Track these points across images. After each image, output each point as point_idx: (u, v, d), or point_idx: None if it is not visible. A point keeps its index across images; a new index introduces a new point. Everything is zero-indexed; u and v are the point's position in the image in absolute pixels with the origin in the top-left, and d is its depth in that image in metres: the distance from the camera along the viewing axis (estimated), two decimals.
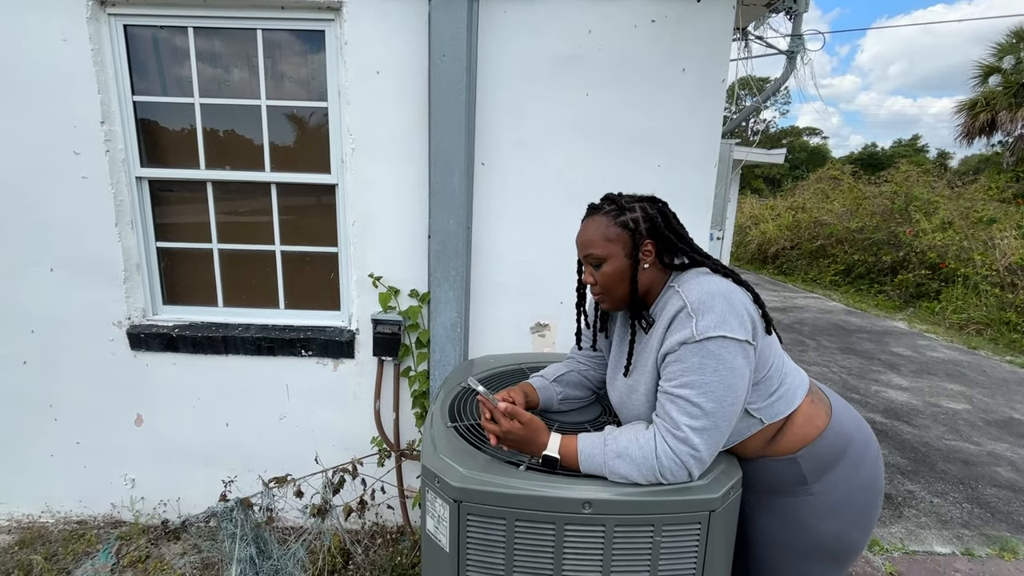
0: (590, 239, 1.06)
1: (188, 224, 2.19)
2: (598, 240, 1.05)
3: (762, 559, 1.19)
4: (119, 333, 2.15)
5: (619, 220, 1.05)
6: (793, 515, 1.09)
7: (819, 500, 1.08)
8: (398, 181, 2.01)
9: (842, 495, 1.08)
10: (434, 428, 1.19)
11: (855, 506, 1.10)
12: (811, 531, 1.09)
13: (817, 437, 1.08)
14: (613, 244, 1.04)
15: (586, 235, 1.08)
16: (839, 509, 1.08)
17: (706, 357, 0.93)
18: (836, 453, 1.08)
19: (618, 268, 1.05)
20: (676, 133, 1.94)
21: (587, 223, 1.09)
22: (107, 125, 1.99)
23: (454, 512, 0.99)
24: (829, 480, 1.07)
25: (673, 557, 0.99)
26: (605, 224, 1.05)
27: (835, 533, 1.09)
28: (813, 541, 1.10)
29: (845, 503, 1.09)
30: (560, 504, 0.95)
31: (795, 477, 1.08)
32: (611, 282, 1.06)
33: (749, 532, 1.16)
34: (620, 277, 1.05)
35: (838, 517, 1.09)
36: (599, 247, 1.05)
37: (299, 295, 2.23)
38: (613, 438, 0.99)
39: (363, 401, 2.20)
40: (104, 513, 2.36)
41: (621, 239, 1.04)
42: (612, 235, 1.04)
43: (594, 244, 1.06)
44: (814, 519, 1.09)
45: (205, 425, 2.24)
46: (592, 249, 1.06)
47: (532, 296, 2.11)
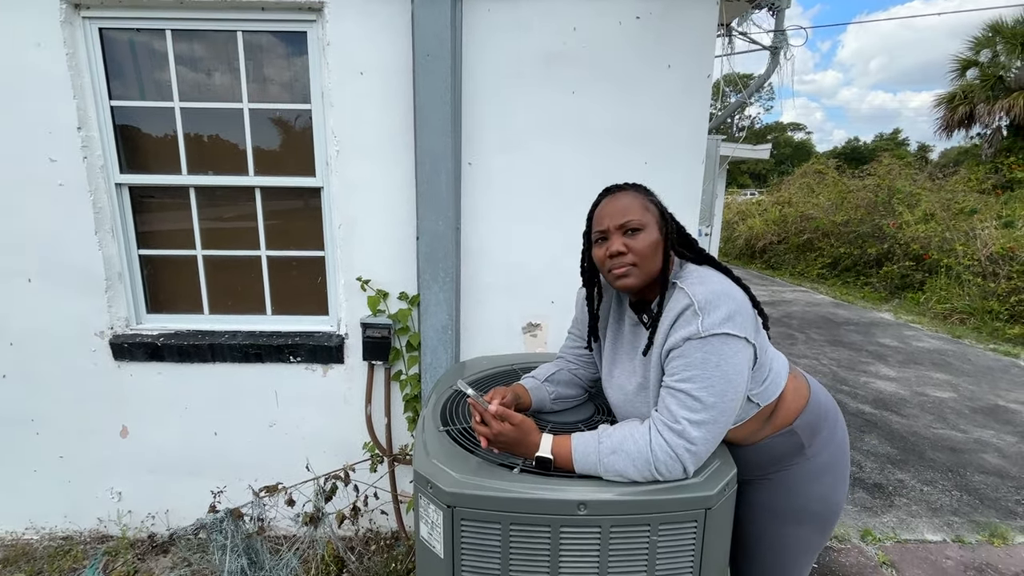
0: (627, 207, 1.04)
1: (171, 231, 2.15)
2: (636, 208, 1.04)
3: (750, 530, 1.21)
4: (101, 343, 2.10)
5: (651, 199, 1.08)
6: (789, 483, 1.14)
7: (812, 463, 1.13)
8: (385, 183, 1.98)
9: (829, 455, 1.15)
10: (426, 432, 1.17)
11: (838, 465, 1.16)
12: (801, 495, 1.14)
13: (805, 405, 1.14)
14: (649, 214, 1.05)
15: (621, 204, 1.05)
16: (826, 469, 1.14)
17: (709, 353, 0.93)
18: (821, 416, 1.15)
19: (655, 239, 1.04)
20: (663, 130, 1.94)
21: (618, 195, 1.08)
22: (84, 131, 1.94)
23: (448, 518, 0.97)
24: (819, 442, 1.14)
25: (670, 556, 0.98)
26: (641, 197, 1.07)
27: (822, 495, 1.14)
28: (802, 505, 1.15)
29: (831, 463, 1.15)
30: (555, 506, 0.94)
31: (795, 446, 1.12)
32: (648, 251, 1.03)
33: (740, 507, 1.17)
34: (655, 248, 1.04)
35: (825, 478, 1.14)
36: (638, 214, 1.03)
37: (286, 300, 2.20)
38: (607, 435, 0.98)
39: (354, 406, 2.17)
40: (90, 528, 2.30)
41: (655, 213, 1.06)
42: (649, 207, 1.06)
43: (632, 211, 1.04)
44: (806, 483, 1.14)
45: (193, 435, 2.20)
46: (631, 216, 1.03)
47: (523, 296, 2.10)
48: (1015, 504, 2.58)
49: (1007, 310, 5.90)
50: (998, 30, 13.56)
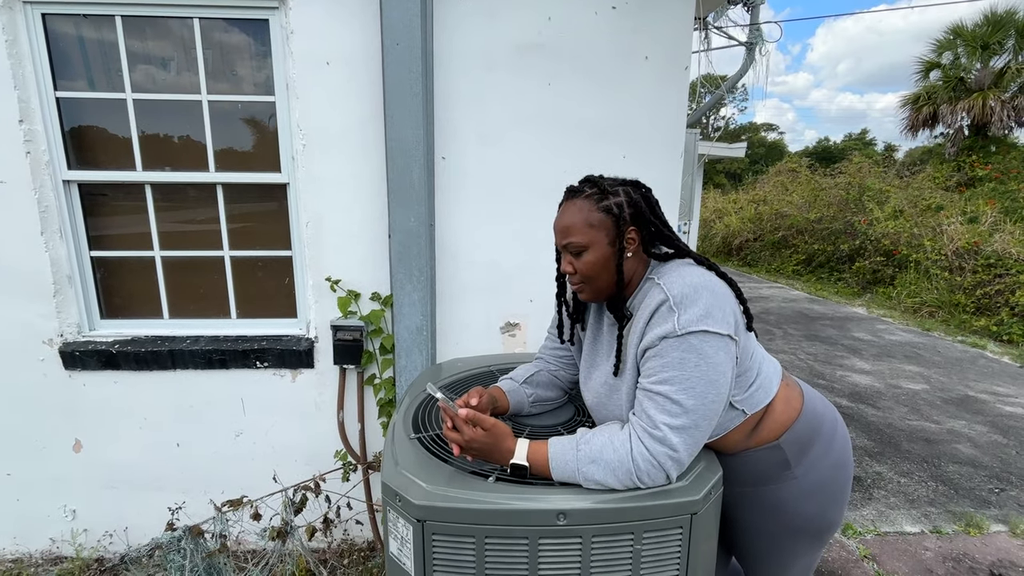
0: (570, 225, 0.99)
1: (127, 232, 2.02)
2: (579, 226, 0.98)
3: (745, 547, 1.18)
4: (51, 352, 1.97)
5: (602, 204, 0.98)
6: (777, 502, 1.07)
7: (801, 483, 1.06)
8: (354, 178, 1.90)
9: (821, 474, 1.07)
10: (396, 441, 1.10)
11: (832, 484, 1.08)
12: (794, 515, 1.07)
13: (796, 419, 1.06)
14: (595, 230, 0.97)
15: (566, 220, 1.00)
16: (819, 489, 1.07)
17: (688, 352, 0.88)
18: (813, 432, 1.07)
19: (600, 256, 0.98)
20: (641, 123, 1.90)
21: (566, 207, 1.01)
22: (26, 124, 1.81)
23: (418, 532, 0.90)
24: (809, 461, 1.06)
25: (655, 564, 0.93)
26: (587, 209, 0.98)
27: (817, 514, 1.08)
28: (796, 524, 1.09)
29: (824, 482, 1.07)
30: (533, 517, 0.88)
31: (779, 463, 1.05)
32: (593, 271, 0.99)
33: (731, 524, 1.13)
34: (602, 266, 0.98)
35: (818, 497, 1.07)
36: (580, 234, 0.98)
37: (252, 303, 2.09)
38: (586, 442, 0.93)
39: (325, 413, 2.08)
40: (42, 549, 2.16)
41: (604, 225, 0.97)
42: (595, 220, 0.97)
43: (575, 231, 0.98)
44: (797, 503, 1.07)
45: (153, 447, 2.08)
46: (572, 237, 0.98)
47: (500, 295, 2.03)
48: (988, 493, 2.62)
49: (973, 303, 6.07)
50: (959, 33, 14.03)
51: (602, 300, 1.07)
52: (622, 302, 1.03)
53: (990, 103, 13.20)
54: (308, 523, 1.70)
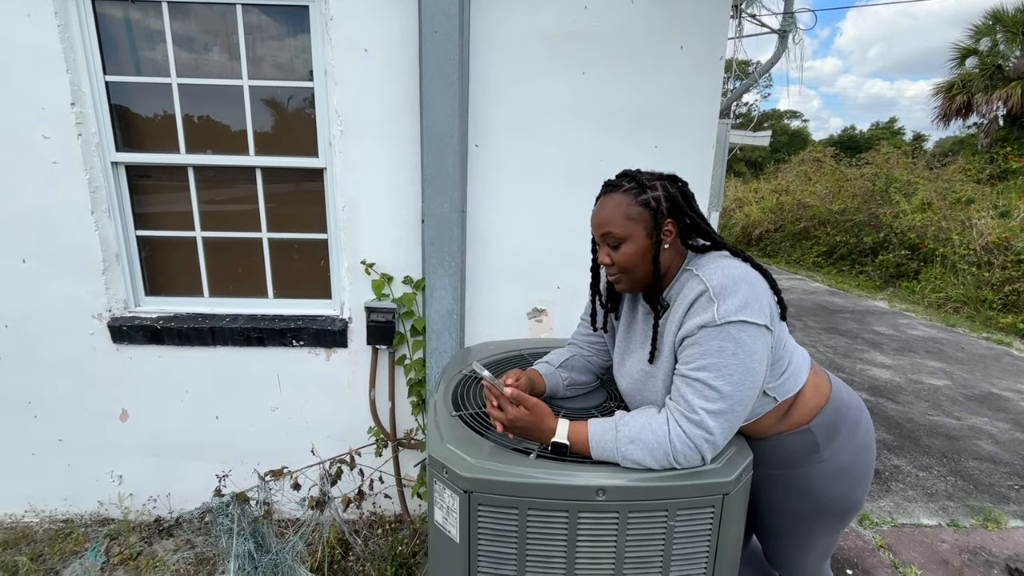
0: (608, 218, 1.03)
1: (169, 212, 2.10)
2: (617, 219, 1.01)
3: (770, 527, 1.23)
4: (99, 326, 2.07)
5: (640, 199, 1.01)
6: (805, 484, 1.12)
7: (828, 465, 1.11)
8: (389, 164, 1.94)
9: (847, 457, 1.12)
10: (438, 417, 1.16)
11: (857, 466, 1.13)
12: (821, 496, 1.12)
13: (824, 405, 1.11)
14: (633, 223, 1.01)
15: (604, 214, 1.04)
16: (845, 471, 1.12)
17: (726, 340, 0.91)
18: (840, 418, 1.12)
19: (638, 249, 1.01)
20: (674, 112, 1.91)
21: (604, 201, 1.05)
22: (78, 107, 1.88)
23: (464, 503, 0.96)
24: (836, 444, 1.11)
25: (687, 541, 0.98)
26: (625, 202, 1.02)
27: (842, 495, 1.13)
28: (822, 504, 1.13)
29: (850, 464, 1.12)
30: (573, 492, 0.94)
31: (809, 446, 1.10)
32: (630, 263, 1.02)
33: (759, 504, 1.18)
34: (640, 258, 1.02)
35: (844, 479, 1.12)
36: (618, 226, 1.01)
37: (288, 284, 2.17)
38: (625, 423, 0.97)
39: (357, 391, 2.15)
40: (91, 511, 2.29)
41: (642, 218, 1.01)
42: (633, 214, 1.01)
43: (613, 223, 1.02)
44: (824, 484, 1.12)
45: (194, 419, 2.18)
46: (611, 228, 1.02)
47: (529, 281, 2.07)
48: (1008, 489, 2.62)
49: (1000, 299, 5.95)
50: (999, 18, 13.47)
51: (638, 291, 1.10)
52: (658, 293, 1.07)
53: None
54: (343, 494, 1.79)
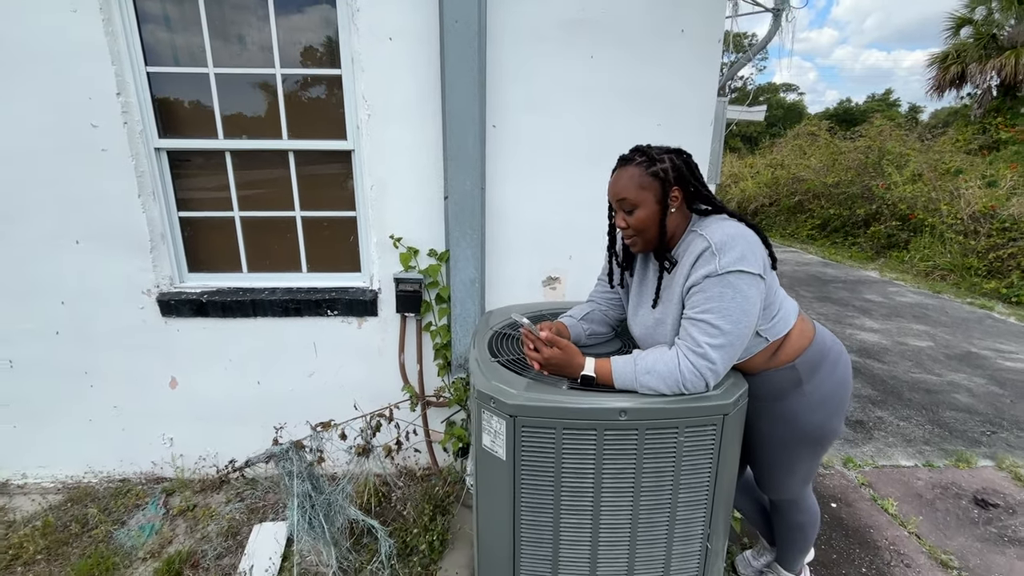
0: (624, 187, 1.21)
1: (207, 193, 2.26)
2: (632, 188, 1.20)
3: (759, 454, 1.44)
4: (149, 301, 2.25)
5: (651, 170, 1.19)
6: (790, 414, 1.32)
7: (810, 398, 1.31)
8: (413, 145, 2.10)
9: (826, 391, 1.32)
10: (480, 363, 1.35)
11: (835, 399, 1.34)
12: (803, 423, 1.33)
13: (808, 346, 1.31)
14: (645, 192, 1.19)
15: (620, 184, 1.22)
16: (824, 403, 1.33)
17: (726, 287, 1.11)
18: (821, 357, 1.32)
19: (649, 213, 1.20)
20: (675, 92, 2.07)
21: (620, 173, 1.23)
22: (123, 97, 2.02)
23: (510, 426, 1.17)
24: (817, 379, 1.31)
25: (694, 455, 1.19)
26: (638, 174, 1.20)
27: (821, 423, 1.34)
28: (804, 431, 1.35)
29: (828, 397, 1.33)
30: (600, 413, 1.14)
31: (793, 381, 1.30)
32: (643, 225, 1.21)
33: (751, 434, 1.39)
34: (651, 221, 1.20)
35: (823, 409, 1.33)
36: (633, 194, 1.20)
37: (320, 258, 2.35)
38: (642, 358, 1.17)
39: (387, 356, 2.35)
40: (145, 470, 2.50)
41: (652, 187, 1.19)
42: (645, 183, 1.19)
43: (628, 192, 1.20)
44: (806, 414, 1.32)
45: (237, 384, 2.38)
46: (626, 196, 1.20)
47: (543, 251, 2.26)
48: (980, 435, 2.87)
49: (985, 266, 6.19)
50: None
51: (650, 250, 1.29)
52: (667, 251, 1.25)
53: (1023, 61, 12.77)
54: (385, 444, 2.00)
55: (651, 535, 1.24)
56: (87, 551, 2.05)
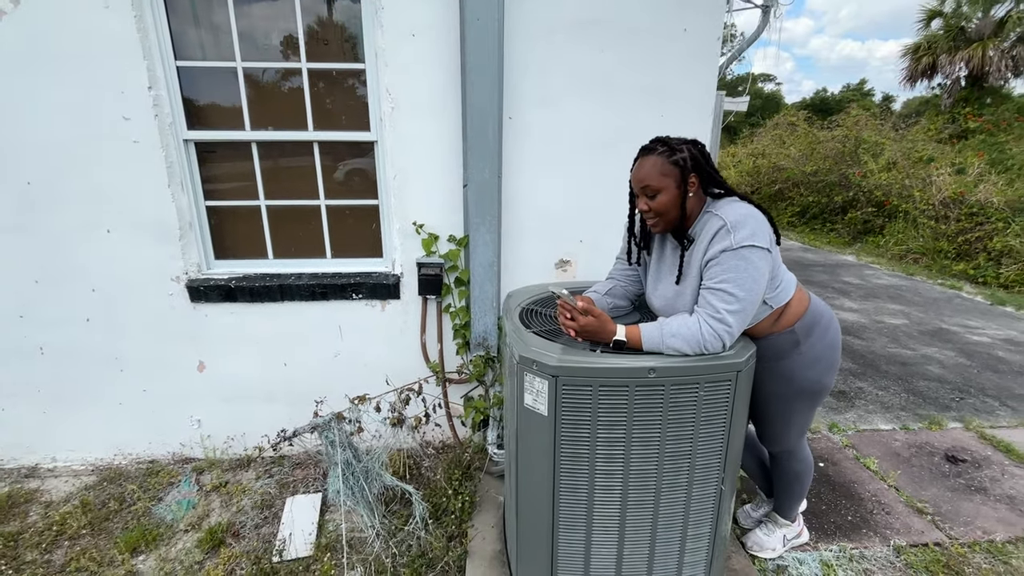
0: (647, 174, 1.36)
1: (232, 183, 2.35)
2: (655, 175, 1.35)
3: (761, 410, 1.64)
4: (178, 287, 2.34)
5: (671, 159, 1.35)
6: (788, 372, 1.52)
7: (805, 357, 1.51)
8: (434, 137, 2.23)
9: (820, 351, 1.53)
10: (517, 333, 1.50)
11: (827, 358, 1.55)
12: (800, 380, 1.53)
13: (805, 312, 1.51)
14: (667, 178, 1.35)
15: (643, 171, 1.37)
16: (818, 361, 1.53)
17: (739, 260, 1.28)
18: (815, 322, 1.52)
19: (670, 197, 1.36)
20: (678, 86, 2.23)
21: (643, 161, 1.38)
22: (154, 90, 2.10)
23: (552, 385, 1.32)
24: (812, 340, 1.51)
25: (711, 407, 1.36)
26: (660, 163, 1.35)
27: (815, 379, 1.55)
28: (800, 387, 1.55)
29: (821, 356, 1.53)
30: (632, 372, 1.30)
31: (792, 343, 1.49)
32: (664, 208, 1.37)
33: (753, 391, 1.57)
34: (671, 204, 1.36)
35: (817, 367, 1.53)
36: (655, 181, 1.35)
37: (343, 244, 2.46)
38: (667, 324, 1.34)
39: (408, 336, 2.49)
40: (174, 451, 2.61)
41: (673, 174, 1.35)
42: (666, 171, 1.35)
43: (651, 178, 1.36)
44: (802, 371, 1.53)
45: (264, 367, 2.49)
46: (649, 182, 1.36)
47: (554, 236, 2.41)
48: (950, 401, 3.14)
49: (954, 249, 6.54)
50: None
51: (669, 230, 1.45)
52: (685, 231, 1.42)
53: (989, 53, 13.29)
54: (415, 415, 2.14)
55: (674, 479, 1.41)
56: (129, 524, 2.17)
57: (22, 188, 2.14)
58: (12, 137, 2.08)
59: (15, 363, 2.36)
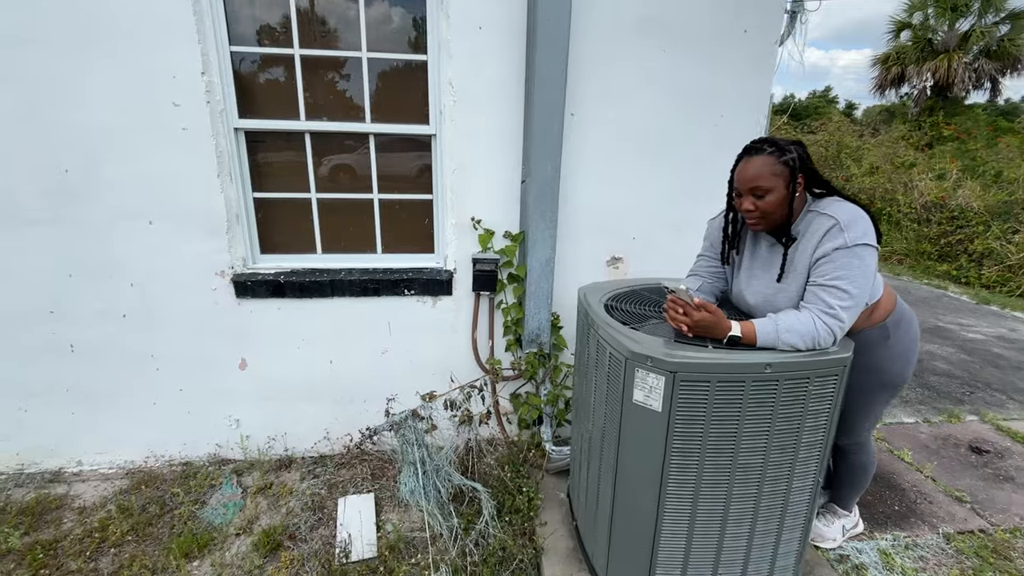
0: (758, 174, 1.38)
1: (281, 174, 2.27)
2: (765, 175, 1.37)
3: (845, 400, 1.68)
4: (222, 282, 2.25)
5: (782, 159, 1.37)
6: (876, 364, 1.58)
7: (893, 350, 1.59)
8: (494, 131, 2.20)
9: (904, 345, 1.60)
10: (616, 333, 1.49)
11: (910, 352, 1.63)
12: (886, 372, 1.60)
13: (894, 308, 1.58)
14: (777, 178, 1.37)
15: (752, 171, 1.39)
16: (903, 355, 1.60)
17: (853, 257, 1.31)
18: (901, 317, 1.60)
19: (779, 197, 1.38)
20: (737, 87, 2.27)
21: (752, 161, 1.40)
22: (207, 76, 2.01)
23: (669, 381, 1.33)
24: (899, 335, 1.58)
25: (818, 401, 1.39)
26: (771, 162, 1.37)
27: (899, 371, 1.62)
28: (885, 380, 1.62)
29: (906, 350, 1.61)
30: (749, 368, 1.32)
31: (882, 337, 1.56)
32: (771, 208, 1.39)
33: None
34: (779, 204, 1.38)
35: (902, 360, 1.61)
36: (766, 180, 1.37)
37: (395, 239, 2.41)
38: (781, 320, 1.36)
39: (460, 333, 2.46)
40: (209, 453, 2.50)
41: (783, 174, 1.37)
42: (777, 171, 1.37)
43: (761, 178, 1.37)
44: (888, 364, 1.60)
45: (309, 364, 2.42)
46: (760, 182, 1.37)
47: (607, 233, 2.42)
48: (962, 395, 3.30)
49: (937, 251, 6.87)
50: None
51: (771, 229, 1.47)
52: (786, 229, 1.44)
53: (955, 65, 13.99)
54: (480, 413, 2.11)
55: (777, 473, 1.44)
56: (176, 530, 2.07)
57: (59, 176, 2.02)
58: (51, 122, 1.96)
59: (44, 361, 2.23)
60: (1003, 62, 14.16)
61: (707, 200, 2.41)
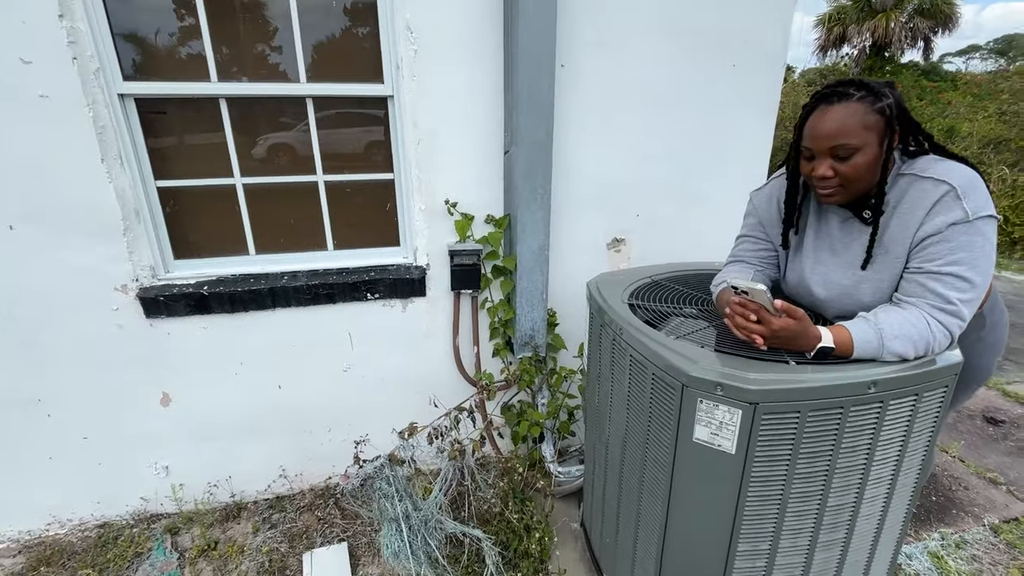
0: (842, 128, 1.02)
1: (195, 156, 1.75)
2: (855, 128, 1.01)
3: None
4: (125, 299, 1.73)
5: (876, 106, 1.01)
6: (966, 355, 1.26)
7: (984, 343, 1.33)
8: (467, 89, 1.76)
9: (998, 335, 1.35)
10: (665, 345, 1.14)
11: (1000, 343, 1.37)
12: (974, 365, 1.33)
13: (991, 295, 1.30)
14: (869, 132, 1.01)
15: (838, 123, 1.02)
16: (993, 346, 1.36)
17: (975, 235, 0.99)
18: (995, 305, 1.34)
19: (870, 158, 1.03)
20: (751, 34, 1.91)
21: (837, 110, 1.03)
22: (67, 20, 1.45)
23: (748, 414, 0.99)
24: (991, 324, 1.33)
25: (924, 418, 1.09)
26: (863, 111, 1.01)
27: (986, 365, 1.39)
28: (974, 371, 1.35)
29: (997, 341, 1.36)
30: (849, 389, 0.99)
31: (978, 326, 1.29)
32: (859, 173, 1.04)
33: None
34: (870, 167, 1.03)
35: (991, 352, 1.36)
36: (855, 136, 1.01)
37: (349, 233, 1.94)
38: (885, 323, 1.03)
39: (436, 339, 2.04)
40: (132, 510, 2.01)
41: (878, 127, 1.01)
42: (870, 123, 1.01)
43: (848, 133, 1.01)
44: (978, 357, 1.33)
45: (252, 392, 1.95)
46: (847, 139, 1.02)
47: (608, 210, 2.04)
48: None
49: None
50: None
51: (852, 200, 1.12)
52: (881, 198, 1.09)
53: (892, 24, 14.33)
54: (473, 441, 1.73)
55: (870, 507, 1.15)
56: None
57: None
58: None
59: None
60: (935, 20, 14.64)
61: (721, 167, 2.08)
